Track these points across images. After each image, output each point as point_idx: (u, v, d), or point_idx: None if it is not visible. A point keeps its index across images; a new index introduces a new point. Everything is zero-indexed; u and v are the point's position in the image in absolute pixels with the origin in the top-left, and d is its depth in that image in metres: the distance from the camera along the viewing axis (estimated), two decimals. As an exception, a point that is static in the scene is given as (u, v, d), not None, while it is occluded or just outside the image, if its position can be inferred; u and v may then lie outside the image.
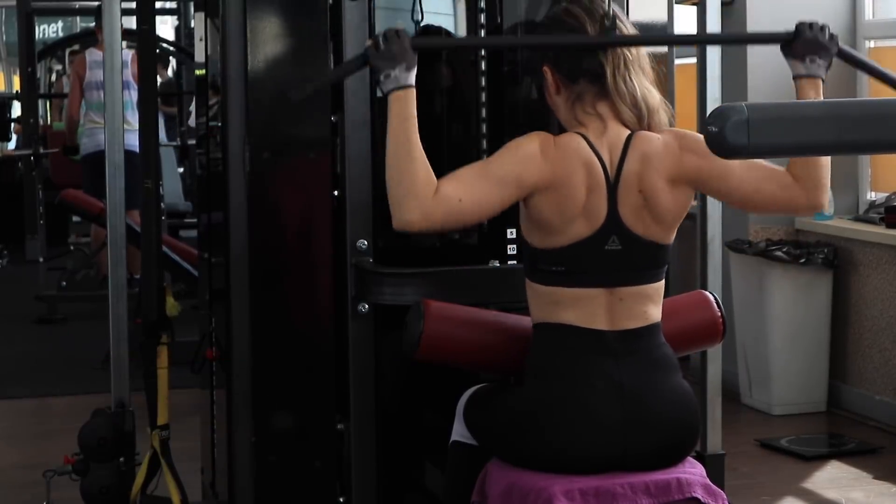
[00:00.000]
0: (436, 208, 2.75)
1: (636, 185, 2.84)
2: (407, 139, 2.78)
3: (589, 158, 2.83)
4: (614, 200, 2.83)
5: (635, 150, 2.85)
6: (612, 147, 2.86)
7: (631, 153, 2.85)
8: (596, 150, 2.84)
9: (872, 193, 6.06)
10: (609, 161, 2.84)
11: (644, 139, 2.86)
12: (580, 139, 2.85)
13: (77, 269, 8.32)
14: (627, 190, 2.84)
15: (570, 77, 2.91)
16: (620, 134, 2.87)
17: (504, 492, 2.87)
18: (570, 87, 2.91)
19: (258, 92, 3.28)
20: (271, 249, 3.31)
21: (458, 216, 2.79)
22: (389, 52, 2.79)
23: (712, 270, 3.58)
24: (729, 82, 4.89)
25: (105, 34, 3.70)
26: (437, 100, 3.62)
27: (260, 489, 3.33)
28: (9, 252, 10.55)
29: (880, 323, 5.65)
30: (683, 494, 2.83)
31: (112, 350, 3.78)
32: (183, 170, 11.08)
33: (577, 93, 2.90)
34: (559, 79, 2.93)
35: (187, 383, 4.14)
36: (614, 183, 2.83)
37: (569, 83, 2.91)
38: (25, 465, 5.03)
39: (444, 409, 3.22)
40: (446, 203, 2.75)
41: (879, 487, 4.81)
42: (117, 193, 3.73)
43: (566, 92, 2.92)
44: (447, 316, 3.02)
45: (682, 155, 2.86)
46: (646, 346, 2.87)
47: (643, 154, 2.84)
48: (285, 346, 3.34)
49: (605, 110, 2.88)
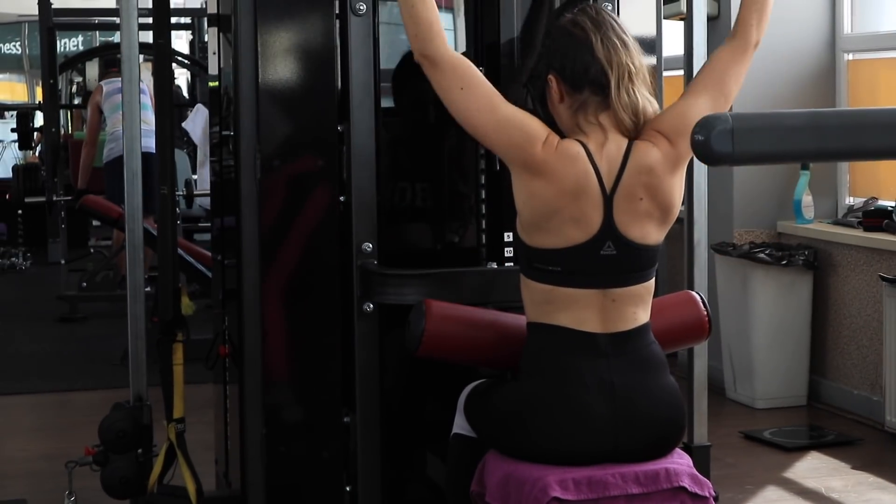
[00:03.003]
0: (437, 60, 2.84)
1: (638, 194, 2.82)
2: None
3: (585, 169, 2.81)
4: (610, 209, 2.81)
5: (635, 162, 2.82)
6: (611, 159, 2.83)
7: (631, 164, 2.82)
8: (594, 161, 2.82)
9: (851, 198, 6.06)
10: (607, 172, 2.82)
11: (643, 150, 2.84)
12: (580, 148, 2.82)
13: (97, 270, 8.32)
14: (625, 199, 2.81)
15: (575, 86, 2.88)
16: (620, 145, 2.84)
17: (501, 481, 2.87)
18: (574, 95, 2.88)
19: (268, 103, 3.28)
20: (281, 252, 3.31)
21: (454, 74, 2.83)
22: None
23: (698, 272, 3.58)
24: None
25: (123, 47, 3.70)
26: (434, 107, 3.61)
27: (271, 478, 3.33)
28: (32, 255, 10.55)
29: (858, 321, 5.65)
30: (671, 484, 2.83)
31: (130, 347, 3.78)
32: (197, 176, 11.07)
33: (580, 102, 2.87)
34: (564, 87, 2.89)
35: (202, 378, 4.14)
36: (611, 193, 2.82)
37: (573, 92, 2.88)
38: (49, 457, 5.03)
39: (446, 403, 3.22)
40: (447, 62, 2.84)
41: (857, 477, 4.81)
42: (135, 199, 3.73)
43: (569, 100, 2.89)
44: (447, 315, 3.02)
45: (669, 148, 2.84)
46: (635, 347, 2.86)
47: (644, 166, 2.82)
48: (294, 343, 3.34)
49: (606, 120, 2.86)
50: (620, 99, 2.84)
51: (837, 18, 6.03)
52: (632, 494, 2.80)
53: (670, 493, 2.83)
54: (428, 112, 3.57)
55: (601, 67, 2.85)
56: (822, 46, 6.04)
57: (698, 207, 3.57)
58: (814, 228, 5.87)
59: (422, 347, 2.99)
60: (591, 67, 2.86)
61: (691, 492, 2.83)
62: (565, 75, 2.89)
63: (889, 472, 4.84)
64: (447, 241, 3.58)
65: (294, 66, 3.28)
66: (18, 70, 17.18)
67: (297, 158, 3.31)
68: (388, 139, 3.46)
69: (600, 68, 2.85)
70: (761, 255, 5.77)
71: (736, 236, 6.08)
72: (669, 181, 2.85)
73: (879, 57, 5.96)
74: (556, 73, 2.90)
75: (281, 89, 3.28)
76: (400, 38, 3.67)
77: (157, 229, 4.01)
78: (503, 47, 3.50)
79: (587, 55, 2.86)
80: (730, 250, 5.92)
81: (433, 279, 3.24)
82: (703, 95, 2.95)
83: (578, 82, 2.87)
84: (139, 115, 3.75)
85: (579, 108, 2.88)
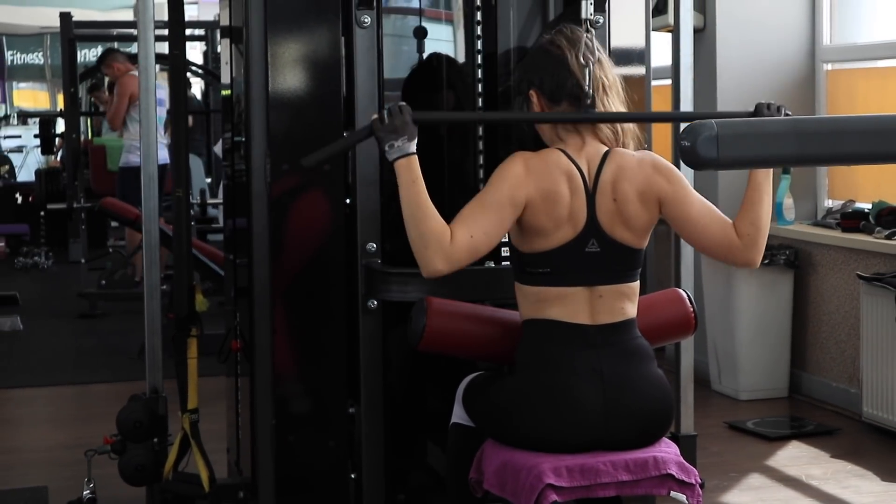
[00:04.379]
0: (455, 252, 2.77)
1: (611, 194, 2.86)
2: (418, 201, 2.79)
3: (569, 168, 2.85)
4: (593, 206, 2.85)
5: (612, 163, 2.87)
6: (590, 159, 2.88)
7: (608, 165, 2.87)
8: (575, 161, 2.87)
9: (830, 201, 6.06)
10: (587, 171, 2.87)
11: (620, 154, 2.89)
12: (559, 153, 2.88)
13: (115, 269, 8.32)
14: (603, 197, 2.85)
15: (553, 99, 2.94)
16: (598, 149, 2.90)
17: (498, 469, 2.87)
18: (553, 108, 2.94)
19: (278, 110, 3.28)
20: (290, 252, 3.31)
21: (474, 251, 2.80)
22: (392, 125, 2.82)
23: (685, 270, 3.58)
24: (700, 102, 4.89)
25: (140, 58, 3.70)
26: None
27: (280, 466, 3.33)
28: (54, 254, 10.55)
29: (836, 318, 5.65)
30: (660, 471, 2.83)
31: (147, 342, 3.78)
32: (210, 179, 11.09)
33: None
34: (543, 101, 2.96)
35: (214, 371, 4.14)
36: (592, 191, 2.85)
37: (552, 105, 2.95)
38: (69, 446, 5.03)
39: (445, 395, 3.22)
40: (462, 244, 2.77)
41: (836, 465, 4.81)
42: (152, 202, 3.73)
43: None
44: (447, 311, 3.02)
45: (653, 175, 2.89)
46: (623, 339, 2.88)
47: (619, 166, 2.87)
48: (302, 338, 3.34)
49: (585, 129, 2.91)
50: (596, 109, 2.90)
51: (817, 30, 6.03)
52: (622, 481, 2.81)
53: (658, 480, 2.83)
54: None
55: (577, 81, 2.91)
56: (803, 57, 6.04)
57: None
58: (794, 229, 5.87)
59: (423, 342, 3.00)
60: (568, 81, 2.92)
61: (678, 479, 2.83)
62: (544, 90, 2.96)
63: (866, 461, 4.83)
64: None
65: (302, 76, 3.29)
66: (41, 79, 17.19)
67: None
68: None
69: (576, 82, 2.92)
70: (745, 254, 5.75)
71: (721, 237, 6.06)
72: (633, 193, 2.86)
73: (857, 67, 5.96)
74: (536, 88, 2.97)
75: (289, 97, 3.28)
76: (402, 49, 3.67)
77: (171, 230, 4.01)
78: (500, 57, 3.51)
79: (563, 70, 2.93)
80: (715, 250, 5.90)
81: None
82: (689, 203, 2.93)
83: (556, 96, 2.94)
84: (155, 121, 3.74)
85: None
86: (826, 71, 6.02)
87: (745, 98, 5.91)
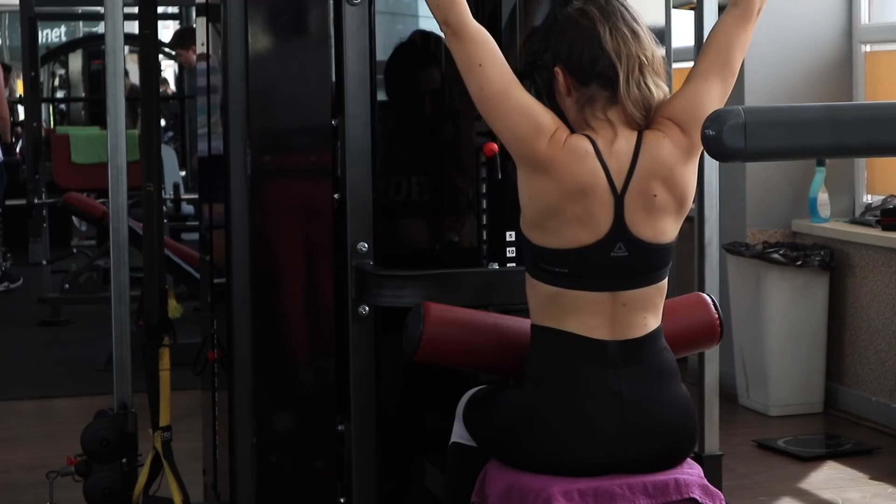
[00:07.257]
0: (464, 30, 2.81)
1: (652, 190, 2.80)
2: None
3: (593, 168, 2.78)
4: (621, 209, 2.79)
5: (647, 157, 2.80)
6: (621, 156, 2.80)
7: (642, 161, 2.80)
8: (603, 160, 2.79)
9: (868, 196, 6.06)
10: (617, 171, 2.79)
11: (654, 143, 2.81)
12: (589, 145, 2.80)
13: (80, 271, 8.32)
14: (638, 197, 2.79)
15: (582, 80, 2.85)
16: (630, 140, 2.82)
17: (503, 492, 2.86)
18: (582, 89, 2.85)
19: (259, 96, 3.28)
20: (272, 252, 3.31)
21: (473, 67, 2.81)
22: None
23: (710, 273, 3.58)
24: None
25: (107, 39, 3.70)
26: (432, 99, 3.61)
27: (261, 490, 3.33)
28: (12, 255, 10.54)
29: (876, 325, 5.65)
30: (681, 495, 2.83)
31: (115, 352, 3.78)
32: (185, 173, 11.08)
33: (588, 96, 2.84)
34: (570, 81, 2.87)
35: (189, 385, 4.14)
36: (622, 193, 2.80)
37: (580, 86, 2.85)
38: (29, 467, 5.03)
39: (444, 411, 3.22)
40: (472, 35, 2.81)
41: (876, 488, 4.81)
42: (120, 197, 3.73)
43: (577, 94, 2.86)
44: (447, 318, 3.01)
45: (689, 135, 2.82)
46: (646, 356, 2.85)
47: (656, 160, 2.80)
48: (286, 348, 3.34)
49: (615, 116, 2.83)
50: (630, 94, 2.81)
51: (854, 8, 6.03)
52: (640, 506, 2.80)
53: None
54: (426, 105, 3.56)
55: (609, 61, 2.82)
56: (839, 37, 6.04)
57: (709, 205, 3.57)
58: (830, 227, 5.87)
59: (419, 352, 2.99)
60: (599, 60, 2.82)
61: (702, 503, 2.83)
62: (572, 68, 2.86)
63: (909, 483, 4.84)
64: (446, 240, 3.58)
65: (286, 58, 3.28)
66: (-2, 62, 17.20)
67: (289, 154, 3.30)
68: (384, 133, 3.46)
69: (609, 62, 2.82)
70: (775, 255, 5.76)
71: (749, 236, 6.08)
72: (682, 171, 2.83)
73: (899, 48, 5.97)
74: (562, 65, 2.87)
75: (272, 81, 3.28)
76: (397, 28, 3.67)
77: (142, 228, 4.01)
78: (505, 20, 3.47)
79: (595, 47, 2.83)
80: (742, 250, 5.92)
81: (432, 280, 3.24)
82: (713, 77, 2.92)
83: (586, 76, 2.84)
84: (123, 109, 3.75)
85: (587, 102, 2.85)
86: (864, 52, 6.02)
87: (775, 82, 5.93)
